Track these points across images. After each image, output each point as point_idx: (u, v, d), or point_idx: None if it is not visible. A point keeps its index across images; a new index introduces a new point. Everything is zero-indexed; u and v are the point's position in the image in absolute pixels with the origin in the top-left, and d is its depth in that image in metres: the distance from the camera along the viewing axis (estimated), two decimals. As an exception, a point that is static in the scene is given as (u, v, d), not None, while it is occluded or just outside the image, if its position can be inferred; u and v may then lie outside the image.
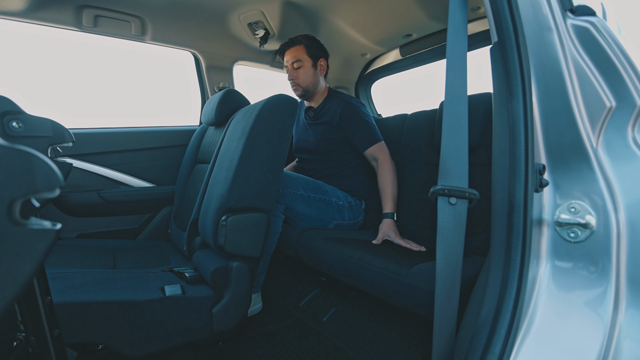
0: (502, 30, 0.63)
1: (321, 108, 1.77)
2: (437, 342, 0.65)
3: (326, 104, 1.76)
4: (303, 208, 1.54)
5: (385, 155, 1.62)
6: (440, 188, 0.64)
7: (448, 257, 0.64)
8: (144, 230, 1.81)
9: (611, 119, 0.65)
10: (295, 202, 1.51)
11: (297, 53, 1.71)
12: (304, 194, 1.53)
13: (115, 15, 1.62)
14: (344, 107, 1.67)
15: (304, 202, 1.54)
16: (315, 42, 1.75)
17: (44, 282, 0.56)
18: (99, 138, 1.73)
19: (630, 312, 0.59)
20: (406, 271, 1.02)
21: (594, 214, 0.62)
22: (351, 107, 1.67)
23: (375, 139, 1.65)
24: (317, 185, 1.60)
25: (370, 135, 1.65)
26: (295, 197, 1.51)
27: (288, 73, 1.74)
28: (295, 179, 1.54)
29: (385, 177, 1.58)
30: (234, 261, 1.14)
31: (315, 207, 1.56)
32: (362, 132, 1.64)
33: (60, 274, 1.01)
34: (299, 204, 1.52)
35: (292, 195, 1.50)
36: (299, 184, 1.54)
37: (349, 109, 1.66)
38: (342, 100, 1.70)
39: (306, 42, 1.73)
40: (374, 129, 1.67)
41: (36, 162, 0.26)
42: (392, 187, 1.57)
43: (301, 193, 1.53)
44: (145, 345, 0.99)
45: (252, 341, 1.32)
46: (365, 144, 1.64)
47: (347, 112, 1.66)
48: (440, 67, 2.12)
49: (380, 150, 1.63)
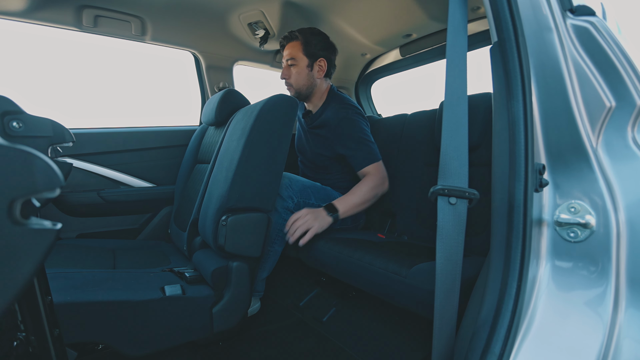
0: (502, 30, 0.63)
1: (319, 115, 1.64)
2: (437, 342, 0.66)
3: (324, 110, 1.63)
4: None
5: (378, 173, 1.49)
6: (440, 188, 0.64)
7: (448, 257, 0.64)
8: (144, 230, 1.81)
9: (611, 119, 0.65)
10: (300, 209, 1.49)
11: (293, 50, 1.58)
12: (315, 203, 1.49)
13: (115, 15, 1.62)
14: (342, 119, 1.53)
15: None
16: (316, 38, 1.58)
17: (44, 282, 0.56)
18: (99, 138, 1.73)
19: (630, 311, 0.59)
20: (406, 271, 1.02)
21: (593, 214, 0.62)
22: (349, 120, 1.53)
23: (372, 158, 1.51)
24: (326, 194, 1.55)
25: (368, 151, 1.51)
26: (307, 206, 1.47)
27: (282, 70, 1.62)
28: (308, 187, 1.49)
29: (364, 184, 1.45)
30: (234, 261, 1.14)
31: None
32: (359, 149, 1.51)
33: (60, 274, 1.01)
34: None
35: (305, 205, 1.46)
36: (312, 193, 1.49)
37: (346, 122, 1.53)
38: (338, 111, 1.56)
39: (303, 38, 1.57)
40: (372, 147, 1.53)
41: (36, 162, 0.26)
42: (361, 195, 1.42)
43: (312, 202, 1.48)
44: (145, 345, 0.99)
45: (252, 341, 1.32)
46: (361, 163, 1.51)
47: (345, 126, 1.52)
48: (440, 67, 2.12)
49: (375, 169, 1.50)
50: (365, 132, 1.55)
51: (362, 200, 1.43)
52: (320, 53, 1.60)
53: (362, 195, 1.43)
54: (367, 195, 1.44)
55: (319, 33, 1.61)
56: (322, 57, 1.61)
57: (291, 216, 1.36)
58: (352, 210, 1.42)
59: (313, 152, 1.68)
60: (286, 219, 1.39)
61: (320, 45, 1.60)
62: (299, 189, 1.44)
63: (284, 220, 1.40)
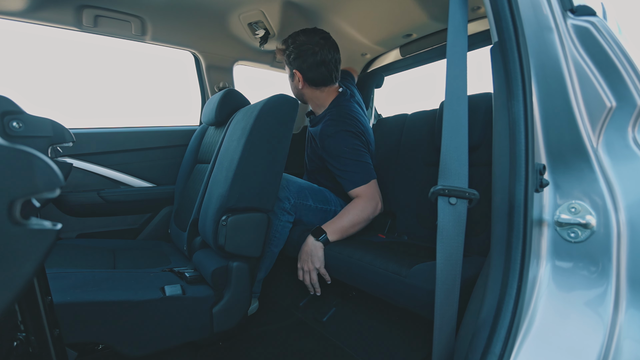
0: (502, 30, 0.63)
1: (318, 120, 1.58)
2: (437, 342, 0.65)
3: (322, 118, 1.55)
4: (309, 217, 1.51)
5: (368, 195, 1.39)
6: (441, 188, 0.64)
7: (448, 257, 0.64)
8: (144, 230, 1.81)
9: (611, 119, 0.65)
10: (303, 212, 1.49)
11: (281, 58, 1.57)
12: (312, 205, 1.49)
13: (115, 15, 1.62)
14: (328, 138, 1.43)
15: (311, 212, 1.51)
16: (290, 47, 1.48)
17: (44, 282, 0.56)
18: (99, 138, 1.73)
19: (630, 312, 0.59)
20: (406, 271, 1.02)
21: (594, 214, 0.62)
22: (334, 140, 1.41)
23: (360, 180, 1.40)
24: (324, 196, 1.56)
25: (357, 173, 1.40)
26: (303, 208, 1.48)
27: None
28: (305, 188, 1.50)
29: (352, 207, 1.37)
30: (234, 261, 1.14)
31: (319, 217, 1.53)
32: (345, 171, 1.41)
33: (60, 274, 1.01)
34: (306, 213, 1.50)
35: (301, 206, 1.46)
36: (309, 194, 1.49)
37: (332, 143, 1.42)
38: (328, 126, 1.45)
39: (284, 46, 1.51)
40: (362, 168, 1.41)
41: (36, 162, 0.26)
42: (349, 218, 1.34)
43: (310, 204, 1.48)
44: (145, 345, 0.99)
45: (252, 341, 1.32)
46: (348, 186, 1.41)
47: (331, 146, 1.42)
48: (440, 67, 2.12)
49: (365, 192, 1.40)
50: (357, 150, 1.42)
51: (351, 224, 1.36)
52: (293, 64, 1.52)
53: (350, 219, 1.36)
54: (355, 218, 1.36)
55: (295, 39, 1.49)
56: (295, 68, 1.52)
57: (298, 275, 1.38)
58: (341, 233, 1.35)
59: (310, 157, 1.70)
60: (282, 220, 1.41)
61: (293, 55, 1.49)
62: (296, 190, 1.45)
63: (281, 221, 1.41)
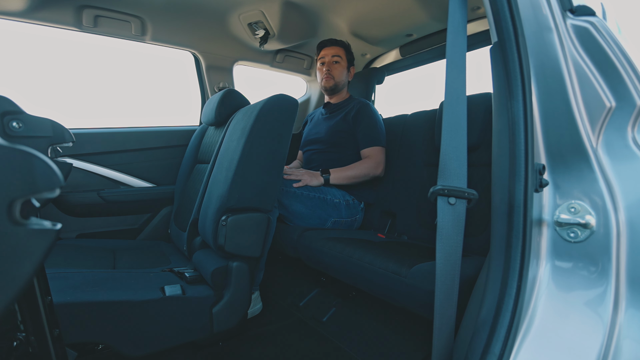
0: (502, 30, 0.63)
1: (339, 106, 1.90)
2: (437, 342, 0.65)
3: (344, 103, 1.90)
4: (297, 206, 1.54)
5: (375, 157, 1.70)
6: (440, 188, 0.64)
7: (447, 257, 0.64)
8: (144, 230, 1.81)
9: (611, 119, 0.65)
10: (288, 200, 1.51)
11: (339, 51, 1.86)
12: (297, 191, 1.54)
13: (115, 15, 1.62)
14: (363, 105, 1.80)
15: (298, 200, 1.54)
16: (349, 51, 1.94)
17: (44, 282, 0.56)
18: (99, 138, 1.73)
19: (630, 312, 0.59)
20: (406, 271, 1.02)
21: (593, 214, 0.62)
22: (369, 107, 1.80)
23: (376, 141, 1.73)
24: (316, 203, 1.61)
25: (376, 136, 1.73)
26: (287, 195, 1.52)
27: (324, 64, 1.85)
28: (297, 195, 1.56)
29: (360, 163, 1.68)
30: (234, 261, 1.14)
31: (309, 204, 1.56)
32: (369, 130, 1.74)
33: (60, 274, 1.01)
34: (293, 202, 1.53)
35: (283, 193, 1.51)
36: (290, 181, 1.57)
37: (367, 108, 1.79)
38: (361, 101, 1.85)
39: (346, 47, 1.91)
40: (380, 133, 1.75)
41: (36, 162, 0.26)
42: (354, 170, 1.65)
43: (293, 191, 1.54)
44: (145, 345, 0.99)
45: (252, 341, 1.32)
46: (367, 143, 1.73)
47: (365, 110, 1.78)
48: (440, 67, 2.12)
49: (374, 153, 1.71)
50: (380, 122, 1.81)
51: (354, 175, 1.67)
52: (352, 62, 1.96)
53: (355, 171, 1.67)
54: (359, 172, 1.67)
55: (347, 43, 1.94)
56: (353, 65, 1.96)
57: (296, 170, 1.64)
58: (342, 180, 1.66)
59: (328, 131, 1.84)
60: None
61: (353, 57, 1.96)
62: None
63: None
